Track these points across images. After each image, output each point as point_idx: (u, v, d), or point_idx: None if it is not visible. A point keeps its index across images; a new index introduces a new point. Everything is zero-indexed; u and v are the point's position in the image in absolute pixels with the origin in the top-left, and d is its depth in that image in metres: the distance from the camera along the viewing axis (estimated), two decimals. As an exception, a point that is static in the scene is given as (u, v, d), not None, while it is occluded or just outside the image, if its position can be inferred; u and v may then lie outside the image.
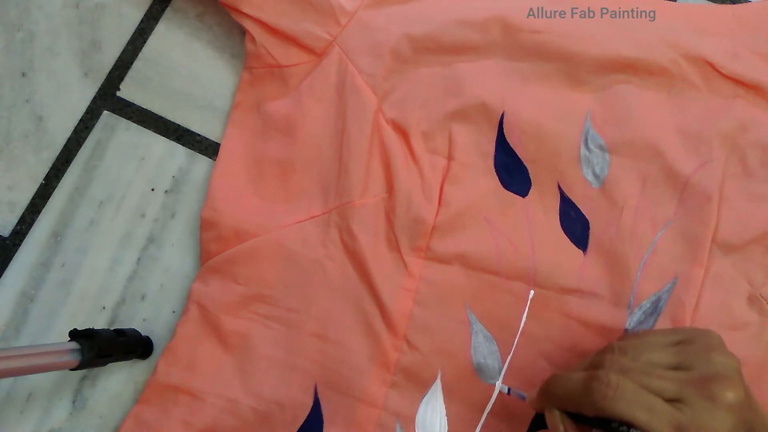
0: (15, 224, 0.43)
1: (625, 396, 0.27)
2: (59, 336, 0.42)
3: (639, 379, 0.28)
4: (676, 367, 0.28)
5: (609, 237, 0.37)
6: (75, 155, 0.44)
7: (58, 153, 0.44)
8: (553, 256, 0.37)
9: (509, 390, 0.35)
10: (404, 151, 0.39)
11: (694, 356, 0.29)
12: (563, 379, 0.30)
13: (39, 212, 0.43)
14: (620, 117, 0.38)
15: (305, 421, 0.37)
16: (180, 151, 0.44)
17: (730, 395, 0.27)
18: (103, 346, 0.36)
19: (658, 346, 0.30)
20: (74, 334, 0.36)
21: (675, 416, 0.27)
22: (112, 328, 0.40)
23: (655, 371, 0.28)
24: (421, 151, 0.39)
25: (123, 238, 0.43)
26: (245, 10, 0.40)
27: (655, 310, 0.36)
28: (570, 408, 0.30)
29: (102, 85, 0.45)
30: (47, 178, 0.44)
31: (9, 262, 0.43)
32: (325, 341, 0.38)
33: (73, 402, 0.41)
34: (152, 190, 0.43)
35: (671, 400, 0.27)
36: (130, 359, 0.40)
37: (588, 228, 0.37)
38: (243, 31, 0.42)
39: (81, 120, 0.44)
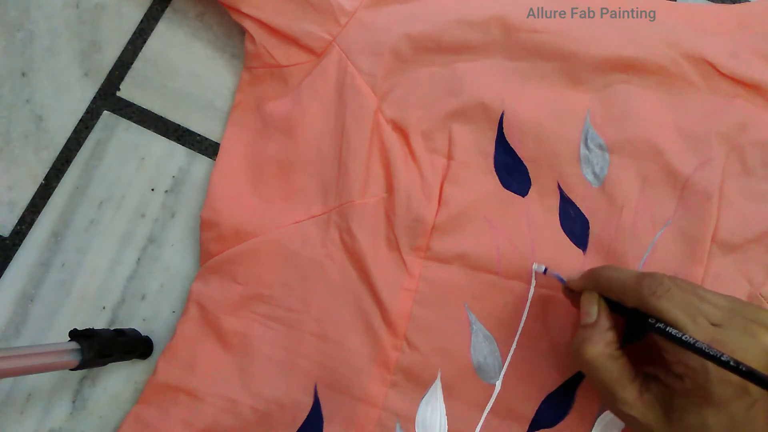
0: (15, 224, 0.43)
1: (673, 298, 0.28)
2: (59, 336, 0.42)
3: (690, 297, 0.29)
4: (726, 309, 0.29)
5: (609, 236, 0.37)
6: (75, 155, 0.44)
7: (58, 153, 0.44)
8: (553, 255, 0.37)
9: (545, 269, 0.35)
10: (404, 150, 0.39)
11: (744, 307, 0.29)
12: (615, 268, 0.31)
13: (39, 212, 0.43)
14: (620, 116, 0.38)
15: (305, 420, 0.37)
16: (180, 151, 0.44)
17: None
18: (103, 346, 0.36)
19: (711, 292, 0.30)
20: (74, 334, 0.36)
21: (714, 333, 0.27)
22: (112, 328, 0.40)
23: (706, 299, 0.29)
24: (421, 150, 0.39)
25: (123, 238, 0.43)
26: (245, 10, 0.40)
27: None
28: (612, 295, 0.31)
29: (102, 85, 0.45)
30: (47, 178, 0.44)
31: (9, 262, 0.43)
32: (325, 341, 0.38)
33: (73, 402, 0.41)
34: (152, 190, 0.43)
35: (714, 324, 0.28)
36: (130, 359, 0.40)
37: (588, 227, 0.37)
38: (243, 31, 0.42)
39: (81, 120, 0.44)
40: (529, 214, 0.38)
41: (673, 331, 0.27)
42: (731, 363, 0.25)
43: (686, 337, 0.27)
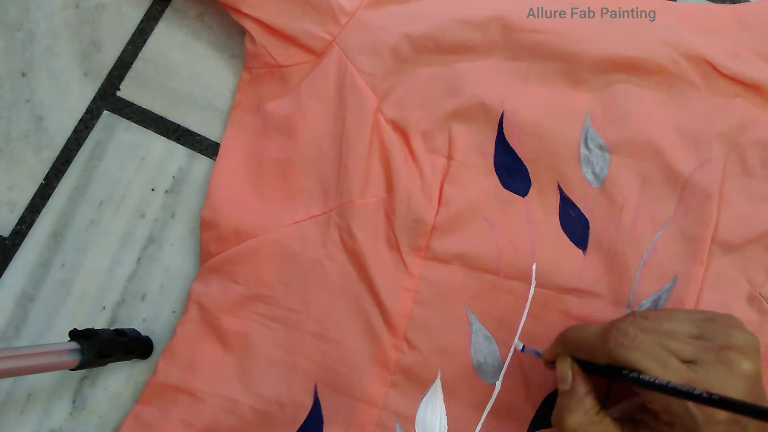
0: (15, 224, 0.43)
1: (640, 346, 0.27)
2: (59, 336, 0.42)
3: (657, 339, 0.28)
4: (696, 338, 0.29)
5: (609, 236, 0.37)
6: (75, 155, 0.44)
7: (58, 153, 0.44)
8: (552, 255, 0.37)
9: (524, 347, 0.35)
10: (404, 150, 0.39)
11: (714, 330, 0.29)
12: (581, 328, 0.31)
13: (39, 212, 0.43)
14: (620, 116, 0.38)
15: (305, 420, 0.37)
16: (180, 151, 0.44)
17: (746, 364, 0.27)
18: (103, 346, 0.36)
19: (680, 318, 0.30)
20: (74, 334, 0.36)
21: (687, 373, 0.27)
22: (112, 328, 0.40)
23: (674, 335, 0.28)
24: (421, 150, 0.39)
25: (123, 238, 0.43)
26: (245, 10, 0.40)
27: (655, 309, 0.36)
28: (583, 356, 0.30)
29: (102, 85, 0.45)
30: (47, 178, 0.44)
31: (9, 262, 0.43)
32: (325, 341, 0.38)
33: (73, 402, 0.41)
34: (152, 190, 0.43)
35: (687, 362, 0.27)
36: (130, 359, 0.40)
37: (588, 227, 0.37)
38: (243, 31, 0.42)
39: (81, 120, 0.44)
40: (529, 214, 0.38)
41: (646, 377, 0.27)
42: (704, 395, 0.25)
43: (659, 380, 0.26)
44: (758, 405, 0.23)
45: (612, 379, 0.29)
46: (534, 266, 0.37)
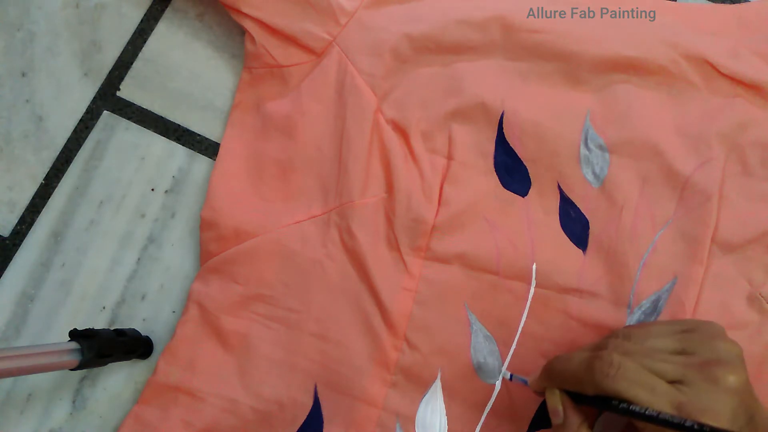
0: (15, 224, 0.43)
1: (626, 375, 0.27)
2: (59, 336, 0.42)
3: (641, 361, 0.28)
4: (679, 353, 0.29)
5: (609, 236, 0.37)
6: (75, 155, 0.44)
7: (58, 153, 0.44)
8: (552, 255, 0.37)
9: (512, 376, 0.35)
10: (404, 150, 0.39)
11: (697, 343, 0.29)
12: (565, 359, 0.30)
13: (39, 212, 0.43)
14: (620, 117, 0.38)
15: (305, 420, 0.37)
16: (180, 151, 0.44)
17: (732, 378, 0.27)
18: (103, 346, 0.36)
19: (661, 333, 0.30)
20: (74, 334, 0.36)
21: (676, 396, 0.27)
22: (112, 328, 0.40)
23: (657, 354, 0.28)
24: (421, 150, 0.39)
25: (123, 238, 0.43)
26: (245, 10, 0.40)
27: (654, 309, 0.36)
28: (571, 387, 0.30)
29: (102, 85, 0.45)
30: (47, 178, 0.44)
31: (9, 262, 0.43)
32: (325, 341, 0.38)
33: (73, 402, 0.41)
34: (152, 190, 0.43)
35: (673, 382, 0.27)
36: (130, 359, 0.40)
37: (588, 227, 0.37)
38: (243, 31, 0.42)
39: (81, 120, 0.44)
40: (529, 214, 0.38)
41: (637, 408, 0.27)
42: (695, 427, 0.25)
43: (650, 412, 0.26)
44: None
45: (602, 410, 0.29)
46: (534, 266, 0.37)
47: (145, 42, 0.45)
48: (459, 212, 0.38)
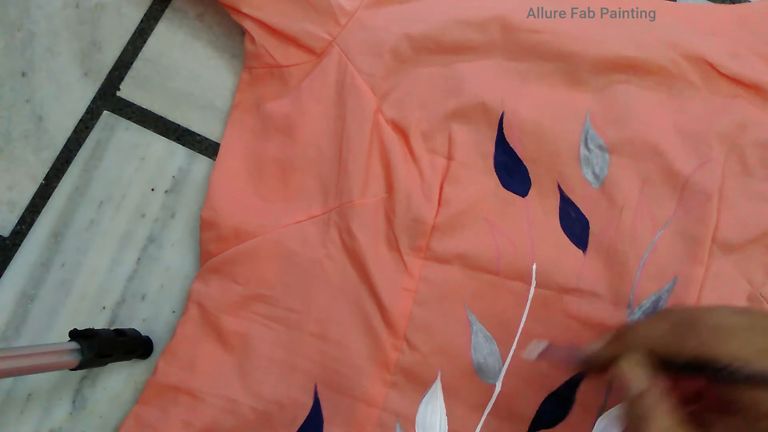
0: (15, 224, 0.43)
1: (737, 334, 0.24)
2: (59, 336, 0.42)
3: (749, 322, 0.25)
4: None
5: (609, 237, 0.37)
6: (75, 155, 0.44)
7: (58, 153, 0.44)
8: (552, 255, 0.37)
9: (544, 347, 0.32)
10: (404, 150, 0.39)
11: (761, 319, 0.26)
12: (644, 324, 0.27)
13: (39, 212, 0.43)
14: (620, 117, 0.38)
15: (305, 421, 0.37)
16: (180, 151, 0.44)
17: None
18: (103, 346, 0.36)
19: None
20: (74, 334, 0.36)
21: None
22: (112, 328, 0.40)
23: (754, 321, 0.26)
24: (421, 150, 0.39)
25: (123, 238, 0.43)
26: (245, 10, 0.40)
27: (655, 309, 0.36)
28: (657, 353, 0.27)
29: (102, 85, 0.45)
30: (47, 178, 0.44)
31: (9, 262, 0.43)
32: (325, 341, 0.38)
33: (73, 402, 0.41)
34: (152, 190, 0.43)
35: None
36: (130, 359, 0.40)
37: (588, 228, 0.37)
38: (243, 31, 0.42)
39: (81, 120, 0.44)
40: (529, 214, 0.38)
41: (754, 370, 0.23)
42: None
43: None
44: None
45: (698, 377, 0.26)
46: (534, 266, 0.37)
47: (145, 42, 0.45)
48: (459, 212, 0.38)
